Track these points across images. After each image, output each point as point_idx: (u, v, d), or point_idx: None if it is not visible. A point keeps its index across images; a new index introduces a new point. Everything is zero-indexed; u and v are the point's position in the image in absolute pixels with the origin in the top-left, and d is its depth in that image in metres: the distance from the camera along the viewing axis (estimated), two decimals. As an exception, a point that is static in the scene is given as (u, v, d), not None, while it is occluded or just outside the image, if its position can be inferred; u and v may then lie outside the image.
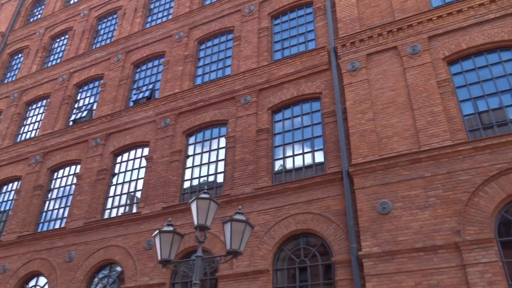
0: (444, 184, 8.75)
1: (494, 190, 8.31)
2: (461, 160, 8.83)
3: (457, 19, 10.58)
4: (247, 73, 13.18)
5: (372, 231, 8.91)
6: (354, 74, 11.11)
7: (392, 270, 8.36)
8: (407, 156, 9.29)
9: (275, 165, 11.49)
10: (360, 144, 10.04)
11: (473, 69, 10.10)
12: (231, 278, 10.01)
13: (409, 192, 8.95)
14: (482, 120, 9.42)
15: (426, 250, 8.27)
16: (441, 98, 9.77)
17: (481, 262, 7.76)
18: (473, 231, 8.08)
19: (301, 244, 10.03)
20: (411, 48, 10.69)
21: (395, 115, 10.07)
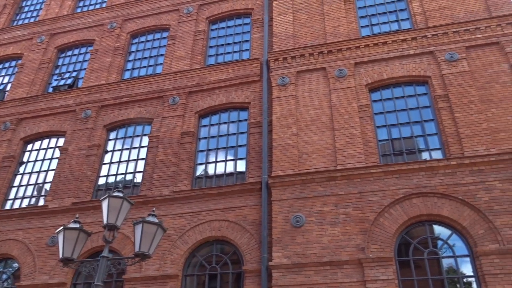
0: (354, 203, 9.23)
1: (398, 212, 8.93)
2: (372, 181, 9.38)
3: (382, 50, 11.31)
4: (178, 74, 12.99)
5: (284, 243, 9.13)
6: (283, 89, 11.40)
7: (298, 282, 8.61)
8: (324, 173, 9.68)
9: (196, 170, 11.39)
10: (281, 157, 10.29)
11: (391, 98, 10.84)
12: (139, 282, 9.69)
13: (322, 208, 9.32)
14: (394, 147, 10.11)
15: (332, 264, 8.64)
16: (360, 121, 10.34)
17: (380, 279, 8.26)
18: (376, 249, 8.59)
19: (214, 251, 9.99)
20: (338, 71, 11.23)
21: (317, 133, 10.48)
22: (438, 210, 8.77)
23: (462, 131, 9.55)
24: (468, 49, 10.75)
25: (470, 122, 9.63)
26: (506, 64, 10.27)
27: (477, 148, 9.23)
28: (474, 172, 8.96)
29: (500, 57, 10.44)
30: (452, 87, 10.23)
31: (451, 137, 9.61)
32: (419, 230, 8.99)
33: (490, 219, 8.37)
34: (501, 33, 10.70)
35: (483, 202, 8.59)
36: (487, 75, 10.25)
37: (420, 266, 8.61)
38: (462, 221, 8.56)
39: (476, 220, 8.49)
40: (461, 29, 10.99)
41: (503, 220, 8.33)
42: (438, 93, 10.31)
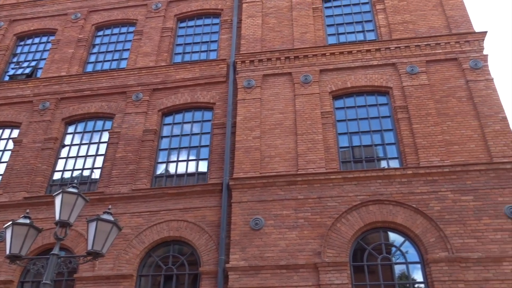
0: (313, 208, 9.35)
1: (355, 218, 9.12)
2: (331, 187, 9.54)
3: (347, 59, 11.56)
4: (143, 70, 12.76)
5: (242, 245, 9.12)
6: (248, 91, 11.42)
7: (254, 285, 8.62)
8: (285, 177, 9.76)
9: (157, 168, 11.21)
10: (243, 159, 10.29)
11: (353, 106, 11.07)
12: (91, 281, 9.41)
13: (281, 212, 9.39)
14: (354, 154, 10.34)
15: (288, 268, 8.71)
16: (322, 128, 10.51)
17: (334, 283, 8.40)
18: (332, 254, 8.74)
19: (171, 252, 9.85)
20: (303, 77, 11.37)
21: (280, 137, 10.56)
22: (393, 217, 9.03)
23: (419, 142, 9.88)
24: (428, 63, 11.15)
25: (426, 133, 9.98)
26: (462, 80, 10.73)
27: (432, 159, 9.57)
28: (428, 182, 9.29)
29: (457, 72, 10.89)
30: (411, 99, 10.57)
31: (408, 147, 9.93)
32: (374, 236, 9.21)
33: (441, 227, 8.70)
34: (459, 50, 11.17)
35: (435, 211, 8.92)
36: (445, 89, 10.67)
37: (374, 271, 8.83)
38: (415, 229, 8.85)
39: (428, 228, 8.79)
40: (422, 44, 11.39)
41: (452, 229, 8.67)
42: (398, 104, 10.63)
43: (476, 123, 10.00)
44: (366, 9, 13.02)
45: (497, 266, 8.21)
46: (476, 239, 8.54)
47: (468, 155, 9.60)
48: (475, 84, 10.56)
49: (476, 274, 8.19)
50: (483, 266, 8.25)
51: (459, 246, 8.49)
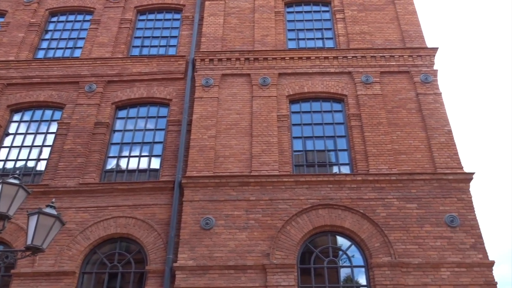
0: (264, 210, 9.41)
1: (304, 221, 9.27)
2: (283, 190, 9.65)
3: (305, 64, 11.74)
4: (98, 61, 12.35)
5: (191, 245, 9.03)
6: (206, 90, 11.34)
7: (201, 285, 8.56)
8: (238, 178, 9.76)
9: (107, 163, 10.88)
10: (198, 158, 10.20)
11: (309, 111, 11.26)
12: (29, 277, 8.97)
13: (232, 212, 9.38)
14: (307, 158, 10.51)
15: (237, 268, 8.71)
16: (278, 131, 10.61)
17: (281, 285, 8.49)
18: (280, 256, 8.83)
19: (117, 249, 9.58)
20: (262, 79, 11.43)
21: (235, 137, 10.55)
22: (341, 221, 9.26)
23: (369, 150, 10.20)
24: (382, 74, 11.54)
25: (377, 142, 10.31)
26: (413, 92, 11.18)
27: (381, 167, 9.91)
28: (376, 188, 9.60)
29: (409, 85, 11.34)
30: (364, 107, 10.90)
31: (359, 154, 10.22)
32: (322, 239, 9.40)
33: (386, 233, 9.01)
34: (412, 64, 11.64)
35: (381, 217, 9.23)
36: (396, 100, 11.09)
37: (321, 274, 9.00)
38: (361, 233, 9.11)
39: (373, 234, 9.08)
40: (378, 55, 11.77)
41: (396, 235, 9.01)
42: (352, 111, 10.92)
43: (423, 134, 10.46)
44: (327, 17, 13.29)
45: (436, 271, 8.61)
46: (418, 246, 8.91)
47: (415, 164, 10.02)
48: (424, 97, 11.04)
49: (416, 279, 8.55)
50: (423, 271, 8.62)
51: (402, 252, 8.83)
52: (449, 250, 8.83)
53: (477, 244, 8.93)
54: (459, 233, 9.03)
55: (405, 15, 12.79)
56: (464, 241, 8.95)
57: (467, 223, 9.15)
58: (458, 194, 9.49)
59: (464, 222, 9.16)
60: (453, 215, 9.19)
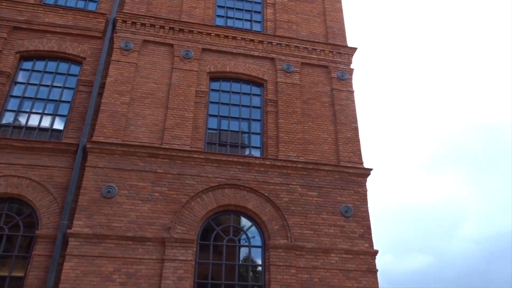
0: (171, 183, 9.31)
1: (209, 199, 9.34)
2: (193, 166, 9.60)
3: (230, 44, 11.68)
4: (4, 3, 11.12)
5: (90, 212, 8.66)
6: (125, 54, 10.80)
7: (96, 254, 8.28)
8: (147, 148, 9.52)
9: (4, 116, 9.95)
10: (107, 123, 9.73)
11: (228, 91, 11.26)
12: None
13: (138, 183, 9.15)
14: (220, 137, 10.55)
15: (135, 240, 8.55)
16: (195, 106, 10.48)
17: (178, 259, 8.51)
18: (181, 231, 8.83)
19: (5, 210, 8.87)
20: (185, 51, 11.17)
21: (150, 107, 10.24)
22: (245, 202, 9.48)
23: (281, 136, 10.51)
24: (303, 65, 11.89)
25: (289, 130, 10.65)
26: (328, 87, 11.69)
27: (290, 154, 10.27)
28: (282, 174, 9.95)
29: (326, 79, 11.83)
30: (282, 95, 11.17)
31: (271, 140, 10.49)
32: (225, 218, 9.56)
33: (286, 217, 9.41)
34: (331, 59, 12.13)
35: (283, 202, 9.61)
36: (313, 92, 11.51)
37: (220, 251, 9.17)
38: (263, 215, 9.42)
39: (274, 217, 9.43)
40: (301, 46, 12.08)
41: (295, 219, 9.45)
42: (269, 97, 11.13)
43: (332, 128, 11.01)
44: (258, 0, 13.30)
45: (326, 256, 9.21)
46: (313, 231, 9.45)
47: (321, 155, 10.54)
48: (338, 93, 11.60)
49: (307, 262, 9.08)
50: (314, 255, 9.18)
51: (298, 236, 9.30)
52: (340, 238, 9.49)
53: (365, 234, 9.69)
54: (351, 223, 9.73)
55: (331, 12, 13.25)
56: (355, 230, 9.67)
57: (360, 214, 9.88)
58: (355, 187, 10.19)
59: (357, 213, 9.88)
60: (348, 206, 9.86)
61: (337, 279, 9.04)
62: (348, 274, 9.14)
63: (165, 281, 8.26)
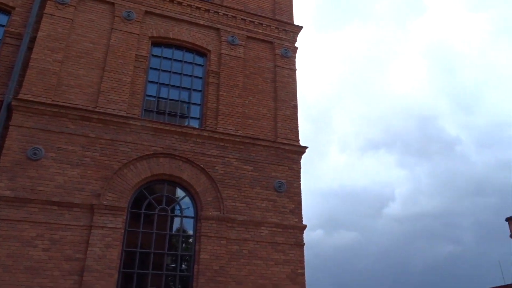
0: (103, 149, 8.99)
1: (143, 167, 9.15)
2: (128, 132, 9.31)
3: (175, 9, 11.27)
4: None
5: (13, 174, 8.18)
6: (60, 8, 10.08)
7: (17, 218, 7.88)
8: (80, 111, 9.07)
9: None
10: (36, 81, 9.12)
11: (170, 58, 10.94)
12: None
13: (67, 146, 8.73)
14: (159, 105, 10.29)
15: (61, 205, 8.23)
16: (133, 71, 10.09)
17: (107, 226, 8.33)
18: (111, 198, 8.61)
19: None
20: (126, 12, 10.63)
21: (85, 68, 9.71)
22: (180, 173, 9.40)
23: (221, 109, 10.45)
24: (248, 39, 11.79)
25: (229, 103, 10.61)
26: (272, 63, 11.72)
27: (228, 127, 10.27)
28: (219, 147, 9.95)
29: (269, 55, 11.84)
30: (225, 67, 11.05)
31: (211, 111, 10.41)
32: (158, 187, 9.45)
33: (220, 189, 9.48)
34: (277, 36, 12.13)
35: (219, 174, 9.65)
36: (256, 67, 11.50)
37: (151, 220, 9.08)
38: (197, 186, 9.41)
39: (208, 188, 9.46)
40: (248, 19, 11.94)
41: (229, 192, 9.55)
42: (212, 68, 10.97)
43: (272, 104, 11.12)
44: (207, -33, 12.87)
45: (256, 229, 9.44)
46: (246, 204, 9.61)
47: (259, 130, 10.64)
48: (281, 70, 11.68)
49: (238, 234, 9.26)
50: (245, 228, 9.37)
51: (231, 208, 9.43)
52: (272, 212, 9.74)
53: (296, 209, 10.03)
54: (283, 198, 10.00)
55: (280, -12, 13.15)
56: (286, 205, 9.97)
57: (292, 190, 10.17)
58: (290, 164, 10.45)
59: (289, 189, 10.16)
60: (281, 182, 10.11)
61: (265, 251, 9.33)
62: (277, 247, 9.46)
63: (92, 248, 8.07)
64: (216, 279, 8.64)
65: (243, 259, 9.08)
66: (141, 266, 8.66)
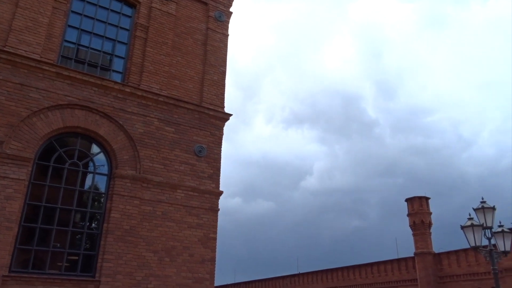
0: (11, 93, 8.23)
1: (56, 118, 8.55)
2: (40, 78, 8.59)
3: (106, -49, 10.42)
4: None
5: None
6: None
7: None
8: (-15, 48, 8.17)
9: None
10: None
11: (96, 4, 10.16)
12: None
13: (-33, 85, 7.87)
14: (78, 53, 9.58)
15: (-44, 150, 7.46)
16: (52, 11, 9.24)
17: (9, 177, 7.72)
18: (16, 147, 7.96)
19: None
20: None
21: (-5, 0, 8.70)
22: (97, 127, 8.93)
23: (146, 66, 10.00)
24: (182, -4, 11.30)
25: (156, 60, 10.19)
26: (204, 25, 11.39)
27: (153, 85, 9.89)
28: (141, 105, 9.57)
29: (203, 16, 11.48)
30: (155, 22, 10.53)
31: (135, 67, 9.92)
32: (71, 141, 8.91)
33: (138, 149, 9.18)
34: (212, -3, 11.76)
35: (138, 133, 9.32)
36: (187, 26, 11.10)
37: (60, 174, 8.58)
38: (114, 143, 9.03)
39: (126, 146, 9.12)
40: (184, -25, 11.41)
41: (147, 152, 9.29)
42: (141, 21, 10.40)
43: (200, 67, 10.87)
44: None
45: (172, 191, 9.34)
46: (164, 166, 9.43)
47: (184, 92, 10.38)
48: (213, 33, 11.40)
49: (153, 195, 9.10)
50: (161, 189, 9.23)
51: (147, 169, 9.19)
52: (190, 176, 9.68)
53: (214, 175, 10.05)
54: (203, 163, 9.96)
55: None
56: (205, 170, 9.95)
57: (212, 156, 10.16)
58: (212, 129, 10.38)
59: (210, 154, 10.13)
60: (202, 146, 10.03)
61: (179, 214, 9.29)
62: (191, 211, 9.46)
63: (-10, 199, 7.46)
64: (125, 238, 8.46)
65: (155, 220, 8.97)
66: (46, 221, 8.20)
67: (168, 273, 8.80)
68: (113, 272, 8.17)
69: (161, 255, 8.83)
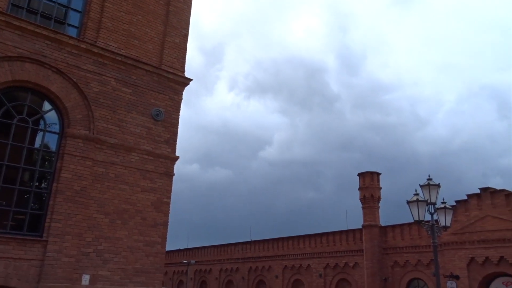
0: (-46, 40, 7.66)
1: (3, 70, 8.07)
2: (-13, 27, 8.04)
3: None
4: None
5: None
6: None
7: None
8: None
9: None
10: None
11: (51, -49, 9.50)
12: None
13: None
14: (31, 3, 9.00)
15: None
16: (2, -45, 8.57)
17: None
18: (-41, 98, 7.49)
19: None
20: None
21: None
22: (48, 83, 8.54)
23: (104, 22, 9.57)
24: (146, -49, 10.76)
25: (115, 17, 9.76)
26: (168, -16, 10.96)
27: (110, 43, 9.50)
28: (97, 63, 9.20)
29: (167, -25, 11.02)
30: (115, -24, 10.01)
31: (92, 22, 9.47)
32: (21, 95, 8.49)
33: (92, 108, 8.89)
34: (178, -44, 11.28)
35: (93, 92, 9.00)
36: (150, -16, 10.64)
37: (8, 131, 8.18)
38: (66, 101, 8.68)
39: (79, 105, 8.80)
40: None
41: (102, 112, 9.02)
42: (100, -26, 9.86)
43: (162, 28, 10.53)
44: None
45: (127, 154, 9.18)
46: (119, 128, 9.21)
47: (144, 53, 10.06)
48: (177, -6, 11.01)
49: (106, 157, 8.90)
50: (115, 151, 9.04)
51: (102, 129, 8.95)
52: (145, 139, 9.52)
53: (171, 140, 9.94)
54: (159, 127, 9.81)
55: None
56: (161, 134, 9.81)
57: (170, 121, 10.01)
58: (171, 93, 10.19)
59: (167, 118, 9.97)
60: (160, 110, 9.85)
61: (133, 177, 9.18)
62: (145, 174, 9.36)
63: None
64: (75, 199, 8.28)
65: (108, 182, 8.82)
66: (-10, 178, 7.86)
67: (119, 235, 8.75)
68: (61, 232, 8.02)
69: (113, 217, 8.74)
